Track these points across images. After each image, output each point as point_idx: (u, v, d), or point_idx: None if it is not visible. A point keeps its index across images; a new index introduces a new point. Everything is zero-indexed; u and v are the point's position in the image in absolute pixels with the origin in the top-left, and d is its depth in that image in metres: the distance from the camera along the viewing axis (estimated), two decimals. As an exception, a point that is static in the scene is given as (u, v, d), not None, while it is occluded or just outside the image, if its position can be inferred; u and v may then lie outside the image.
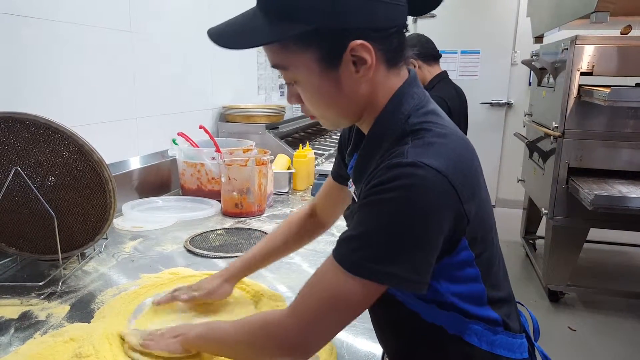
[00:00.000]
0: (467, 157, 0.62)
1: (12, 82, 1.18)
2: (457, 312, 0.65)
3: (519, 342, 0.69)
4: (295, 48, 0.61)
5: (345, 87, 0.63)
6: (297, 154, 1.85)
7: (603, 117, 2.55)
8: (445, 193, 0.55)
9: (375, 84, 0.64)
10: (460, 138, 0.63)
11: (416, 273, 0.56)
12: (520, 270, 3.37)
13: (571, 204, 2.60)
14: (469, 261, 0.63)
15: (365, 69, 0.61)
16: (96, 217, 1.07)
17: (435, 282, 0.63)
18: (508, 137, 4.61)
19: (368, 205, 0.57)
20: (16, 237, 1.07)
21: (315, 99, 0.65)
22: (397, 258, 0.55)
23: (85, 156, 1.01)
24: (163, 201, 1.62)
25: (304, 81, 0.64)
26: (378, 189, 0.56)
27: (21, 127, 0.98)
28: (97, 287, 1.01)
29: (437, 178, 0.54)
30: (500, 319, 0.67)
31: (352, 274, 0.56)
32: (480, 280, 0.65)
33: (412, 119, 0.62)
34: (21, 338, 0.80)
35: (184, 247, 1.25)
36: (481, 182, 0.64)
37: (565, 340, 2.47)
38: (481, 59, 4.64)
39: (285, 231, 0.95)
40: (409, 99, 0.65)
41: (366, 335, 0.83)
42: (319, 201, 0.94)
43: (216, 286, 0.89)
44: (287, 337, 0.60)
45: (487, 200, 0.66)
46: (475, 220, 0.61)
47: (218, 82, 2.20)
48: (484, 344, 0.66)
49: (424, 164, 0.54)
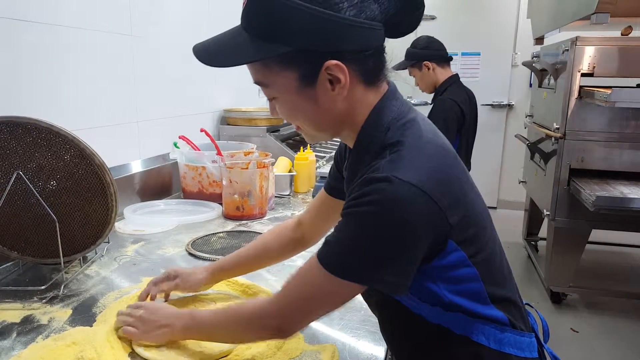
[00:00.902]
0: (443, 164, 0.64)
1: (13, 86, 1.18)
2: (461, 312, 0.65)
3: (527, 340, 0.69)
4: (276, 67, 0.64)
5: (322, 104, 0.66)
6: (298, 157, 1.85)
7: (604, 118, 2.54)
8: (419, 204, 0.57)
9: (353, 101, 0.67)
10: (438, 146, 0.65)
11: (392, 275, 0.60)
12: (522, 271, 3.36)
13: (573, 205, 2.60)
14: (463, 261, 0.63)
15: (340, 87, 0.64)
16: (98, 221, 1.07)
17: (433, 284, 0.64)
18: (509, 138, 4.61)
19: (347, 215, 0.61)
20: (18, 241, 1.07)
21: (293, 114, 0.69)
22: (372, 263, 0.59)
23: (87, 160, 1.02)
24: (164, 204, 1.62)
25: (282, 98, 0.67)
26: (354, 202, 0.60)
27: (23, 131, 0.98)
28: (98, 290, 1.01)
29: (410, 190, 0.57)
30: (505, 318, 0.67)
31: (330, 273, 0.60)
32: (479, 280, 0.65)
33: (390, 132, 0.65)
34: (23, 342, 0.80)
35: (185, 250, 1.25)
36: (465, 186, 0.65)
37: (568, 342, 2.47)
38: (482, 60, 4.64)
39: (269, 242, 0.95)
40: (388, 112, 0.67)
41: (368, 338, 0.83)
42: (306, 215, 0.93)
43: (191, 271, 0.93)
44: (267, 319, 0.67)
45: (477, 202, 0.67)
46: (463, 223, 0.62)
47: (219, 85, 2.21)
48: (492, 343, 0.66)
49: (396, 177, 0.57)
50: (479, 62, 4.64)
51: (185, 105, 1.95)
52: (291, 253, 0.96)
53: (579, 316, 2.73)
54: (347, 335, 0.84)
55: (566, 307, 2.83)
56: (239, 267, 0.95)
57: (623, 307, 2.81)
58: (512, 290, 0.71)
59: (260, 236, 0.98)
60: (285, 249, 0.95)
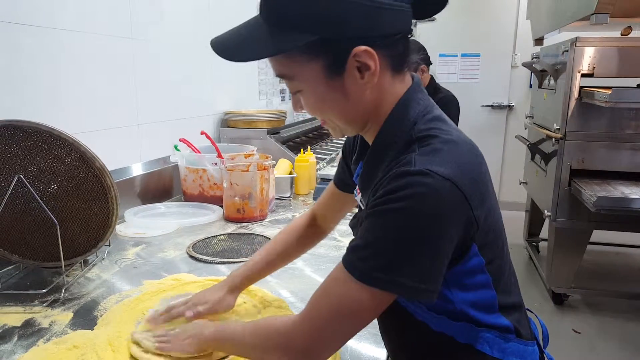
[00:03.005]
0: (475, 162, 0.61)
1: (13, 90, 1.18)
2: (467, 321, 0.64)
3: (530, 349, 0.68)
4: (300, 58, 0.61)
5: (351, 94, 0.63)
6: (299, 159, 1.85)
7: (604, 119, 2.54)
8: (455, 200, 0.55)
9: (381, 90, 0.64)
10: (467, 144, 0.63)
11: (426, 282, 0.55)
12: (524, 273, 3.35)
13: (574, 205, 2.60)
14: (480, 268, 0.62)
15: (370, 74, 0.61)
16: (98, 224, 1.07)
17: (447, 290, 0.62)
18: (509, 139, 4.61)
19: (376, 215, 0.56)
20: (19, 244, 1.07)
21: (320, 106, 0.65)
22: (406, 268, 0.54)
23: (87, 163, 1.02)
24: (165, 207, 1.62)
25: (309, 90, 0.64)
26: (386, 198, 0.55)
27: (23, 134, 0.98)
28: (100, 294, 1.01)
29: (445, 185, 0.54)
30: (511, 326, 0.66)
31: (362, 283, 0.56)
32: (491, 287, 0.64)
33: (418, 126, 0.62)
34: (24, 346, 0.80)
35: (186, 253, 1.25)
36: (489, 187, 0.63)
37: (570, 343, 2.46)
38: (481, 61, 4.64)
39: (286, 239, 0.94)
40: (415, 105, 0.65)
41: (370, 340, 0.82)
42: (319, 208, 0.94)
43: (219, 298, 0.87)
44: (297, 342, 0.61)
45: (496, 206, 0.65)
46: (485, 226, 0.60)
47: (219, 87, 2.21)
48: (496, 352, 0.65)
49: (432, 171, 0.54)
50: (479, 63, 4.65)
51: (186, 108, 1.95)
52: (310, 245, 0.96)
53: (581, 317, 2.72)
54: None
55: (568, 308, 2.82)
56: (263, 273, 0.92)
57: (625, 307, 2.80)
58: (518, 296, 0.71)
59: (278, 234, 0.96)
60: (304, 242, 0.94)
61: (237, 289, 0.90)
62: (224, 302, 0.87)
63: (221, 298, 0.87)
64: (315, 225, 0.94)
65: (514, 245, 3.79)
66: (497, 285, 0.64)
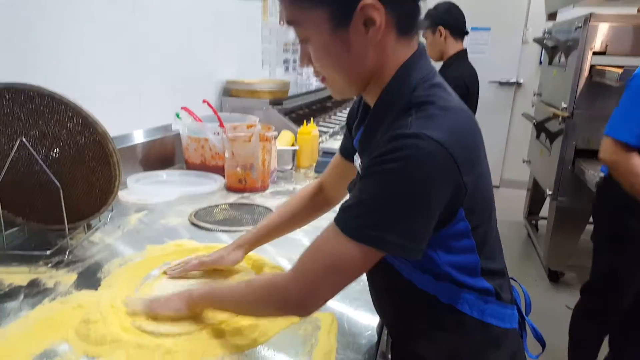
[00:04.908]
0: (468, 131, 0.63)
1: (14, 54, 1.17)
2: (450, 282, 0.67)
3: (509, 312, 0.71)
4: (307, 4, 0.62)
5: (354, 49, 0.64)
6: (302, 131, 1.85)
7: (614, 99, 2.49)
8: (445, 164, 0.57)
9: (384, 51, 0.65)
10: (463, 111, 0.64)
11: (413, 240, 0.58)
12: (522, 250, 3.39)
13: (576, 185, 2.60)
14: (466, 232, 0.64)
15: (375, 30, 0.61)
16: (101, 189, 1.08)
17: (433, 252, 0.65)
18: (516, 117, 4.57)
19: (369, 175, 0.59)
20: (23, 207, 1.09)
21: (325, 59, 0.66)
22: (395, 226, 0.57)
23: (90, 128, 1.02)
24: (167, 175, 1.63)
25: (314, 39, 0.65)
26: (379, 159, 0.57)
27: (25, 98, 0.98)
28: (103, 257, 1.03)
29: (437, 149, 0.56)
30: (492, 289, 0.69)
31: (352, 239, 0.58)
32: (475, 252, 0.66)
33: (417, 92, 0.63)
34: (30, 304, 0.82)
35: (188, 220, 1.26)
36: (481, 156, 0.65)
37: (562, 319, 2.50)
38: (491, 36, 4.55)
39: (294, 206, 0.97)
40: (417, 71, 0.65)
41: (365, 307, 0.85)
42: (326, 178, 0.96)
43: (226, 252, 0.93)
44: (289, 296, 0.64)
45: (487, 175, 0.67)
46: (474, 193, 0.62)
47: (222, 55, 2.18)
48: (475, 313, 0.68)
49: (425, 135, 0.56)
50: (489, 37, 4.55)
51: (188, 76, 1.93)
52: (318, 213, 0.98)
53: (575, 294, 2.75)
54: (346, 305, 0.86)
55: (563, 286, 2.86)
56: (270, 236, 0.97)
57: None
58: (502, 263, 0.73)
59: (285, 203, 0.99)
60: (311, 211, 0.97)
61: (243, 247, 0.95)
62: (230, 255, 0.93)
63: (228, 252, 0.93)
64: (322, 195, 0.96)
65: (513, 222, 3.81)
66: (481, 251, 0.67)
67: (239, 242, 0.95)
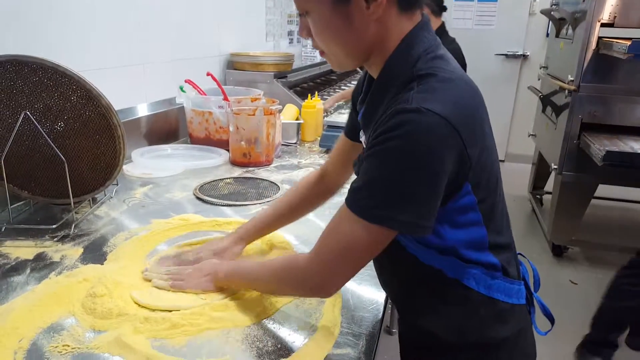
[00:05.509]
0: (471, 103, 0.62)
1: (17, 25, 1.15)
2: (455, 257, 0.67)
3: (516, 287, 0.71)
4: None
5: (355, 24, 0.63)
6: (306, 105, 1.83)
7: (621, 72, 2.46)
8: (448, 137, 0.56)
9: (386, 25, 0.64)
10: (467, 83, 0.63)
11: (421, 217, 0.59)
12: (526, 224, 3.40)
13: (581, 159, 2.58)
14: (472, 205, 0.64)
15: (376, 5, 0.61)
16: (106, 163, 1.08)
17: (439, 226, 0.65)
18: (522, 90, 4.50)
19: (374, 154, 0.58)
20: (28, 180, 1.09)
21: (325, 33, 0.66)
22: (403, 204, 0.57)
23: (94, 101, 1.01)
24: (172, 149, 1.63)
25: (315, 12, 0.64)
26: (382, 138, 0.57)
27: (28, 70, 0.97)
28: (109, 230, 1.03)
29: (439, 122, 0.55)
30: (499, 264, 0.69)
31: (364, 220, 0.59)
32: (482, 224, 0.66)
33: (419, 64, 0.62)
34: (37, 278, 0.83)
35: (193, 194, 1.27)
36: (486, 129, 0.64)
37: (566, 293, 2.53)
38: (498, 7, 4.44)
39: (295, 195, 0.95)
40: (420, 43, 0.64)
41: (369, 282, 0.85)
42: (330, 164, 0.94)
43: (225, 247, 0.90)
44: (310, 278, 0.66)
45: (493, 149, 0.66)
46: (478, 165, 0.61)
47: (225, 27, 2.14)
48: (482, 288, 0.68)
49: (426, 109, 0.55)
50: (496, 8, 4.44)
51: (191, 48, 1.90)
52: (319, 202, 0.96)
53: (579, 269, 2.78)
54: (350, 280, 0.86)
55: (567, 260, 2.88)
56: (273, 225, 0.95)
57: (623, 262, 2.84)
58: (510, 238, 0.73)
59: (288, 191, 0.98)
60: (311, 202, 0.95)
61: (244, 240, 0.93)
62: (230, 251, 0.90)
63: (227, 247, 0.90)
64: (324, 183, 0.94)
65: (518, 197, 3.80)
66: (488, 223, 0.67)
67: (240, 234, 0.92)
